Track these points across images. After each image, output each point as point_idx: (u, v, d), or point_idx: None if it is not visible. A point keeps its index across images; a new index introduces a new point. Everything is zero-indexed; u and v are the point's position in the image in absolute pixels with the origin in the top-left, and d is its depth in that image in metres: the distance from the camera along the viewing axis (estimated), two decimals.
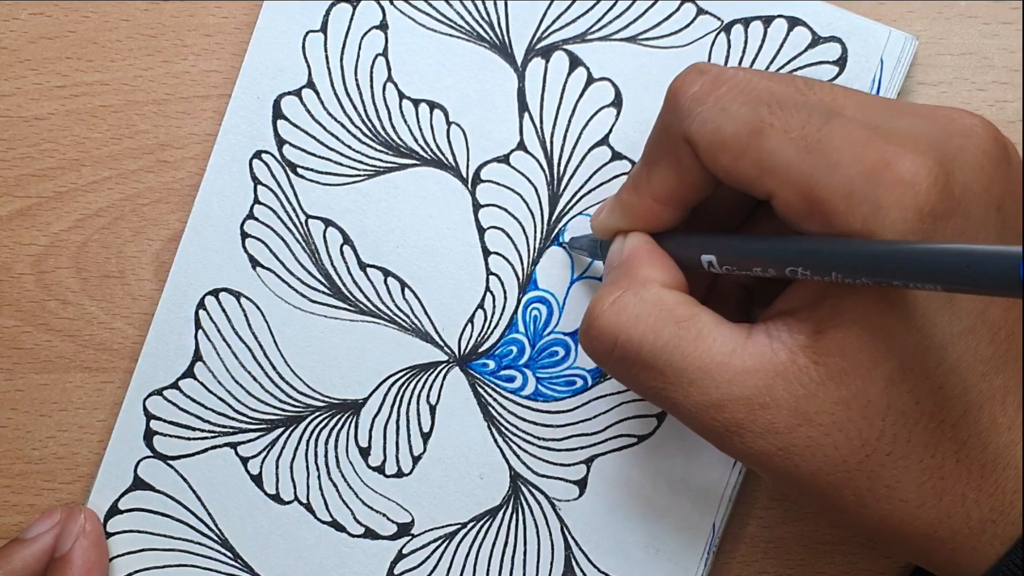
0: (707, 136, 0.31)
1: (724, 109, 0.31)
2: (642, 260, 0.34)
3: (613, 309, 0.33)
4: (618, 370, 0.34)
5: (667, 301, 0.33)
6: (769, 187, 0.30)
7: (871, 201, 0.29)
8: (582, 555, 0.42)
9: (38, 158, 0.44)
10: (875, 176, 0.29)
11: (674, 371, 0.32)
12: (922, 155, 0.29)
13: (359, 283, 0.42)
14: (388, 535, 0.42)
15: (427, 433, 0.42)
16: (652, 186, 0.34)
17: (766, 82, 0.32)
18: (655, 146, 0.34)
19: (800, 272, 0.30)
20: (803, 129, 0.30)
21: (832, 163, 0.29)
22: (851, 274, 0.28)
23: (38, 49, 0.44)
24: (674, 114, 0.33)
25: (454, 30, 0.42)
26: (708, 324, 0.32)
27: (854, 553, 0.42)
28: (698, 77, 0.33)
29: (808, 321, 0.31)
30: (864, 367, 0.30)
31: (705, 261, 0.33)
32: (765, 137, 0.30)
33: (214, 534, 0.42)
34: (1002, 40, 0.42)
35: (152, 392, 0.42)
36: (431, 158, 0.42)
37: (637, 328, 0.32)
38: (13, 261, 0.44)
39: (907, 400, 0.30)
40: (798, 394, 0.30)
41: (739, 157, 0.31)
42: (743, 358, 0.31)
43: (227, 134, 0.42)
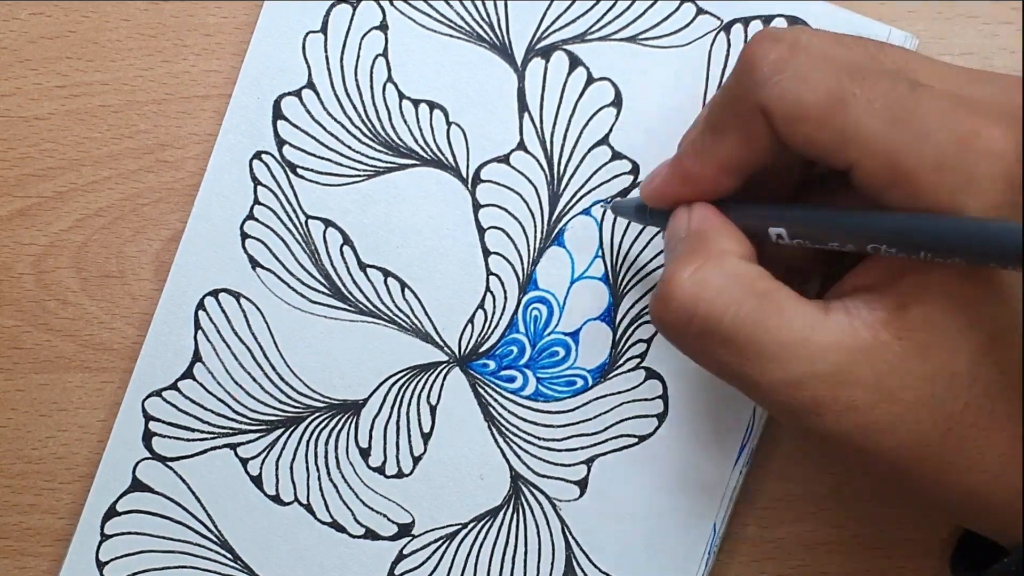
0: (787, 106, 0.30)
1: (805, 78, 0.30)
2: (714, 231, 0.33)
3: (693, 281, 0.32)
4: (694, 345, 0.32)
5: (748, 274, 0.32)
6: (852, 157, 0.30)
7: (963, 172, 0.28)
8: (583, 555, 0.42)
9: (38, 158, 0.44)
10: (965, 146, 0.28)
11: (755, 346, 0.31)
12: (1008, 126, 0.28)
13: (359, 283, 0.42)
14: (389, 536, 0.42)
15: (427, 433, 0.42)
16: (718, 153, 0.33)
17: (843, 49, 0.31)
18: (723, 114, 0.33)
19: (884, 249, 0.29)
20: (888, 98, 0.29)
21: (921, 133, 0.28)
22: (943, 254, 0.27)
23: (38, 49, 0.44)
24: (749, 82, 0.31)
25: (454, 30, 0.42)
26: (788, 299, 0.31)
27: (854, 553, 0.42)
28: (774, 45, 0.31)
29: (889, 297, 0.30)
30: (950, 341, 0.29)
31: (774, 233, 0.32)
32: (849, 107, 0.29)
33: (214, 535, 0.42)
34: (1002, 40, 0.42)
35: (151, 393, 0.42)
36: (431, 158, 0.42)
37: (719, 301, 0.31)
38: (13, 261, 0.44)
39: (992, 372, 0.30)
40: (880, 370, 0.30)
41: (821, 127, 0.30)
42: (823, 335, 0.30)
43: (227, 134, 0.42)
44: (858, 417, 0.30)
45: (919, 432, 0.30)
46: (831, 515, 0.42)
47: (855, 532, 0.42)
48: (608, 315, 0.42)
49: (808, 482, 0.42)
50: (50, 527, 0.44)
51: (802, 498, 0.42)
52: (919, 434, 0.30)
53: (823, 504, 0.42)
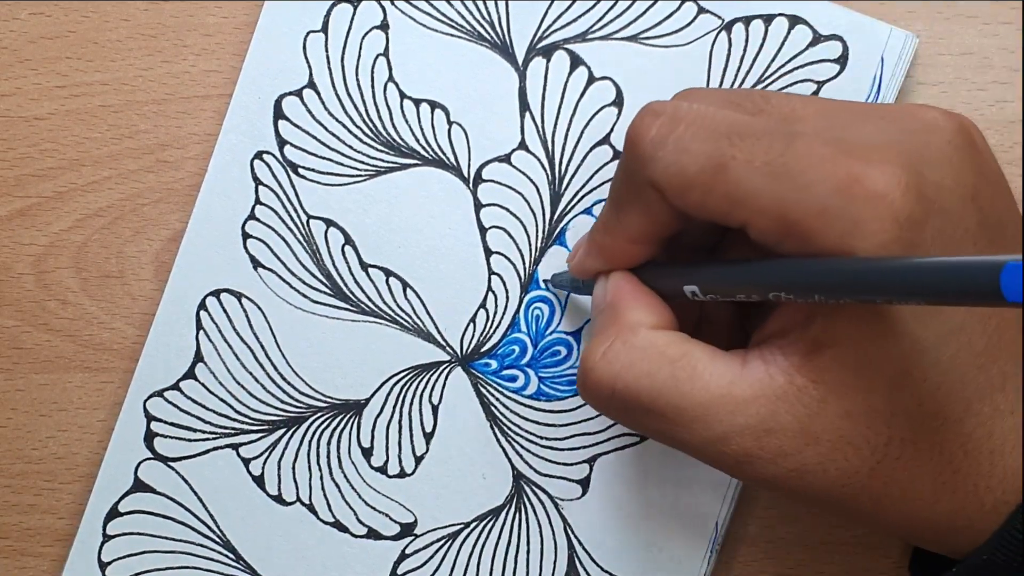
0: (672, 178, 0.31)
1: (685, 149, 0.31)
2: (627, 303, 0.34)
3: (605, 360, 0.33)
4: (620, 417, 0.34)
5: (658, 343, 0.33)
6: (742, 217, 0.30)
7: (847, 217, 0.28)
8: (585, 554, 0.42)
9: (38, 158, 0.43)
10: (847, 192, 0.29)
11: (675, 411, 0.32)
12: (890, 163, 0.29)
13: (361, 283, 0.42)
14: (391, 535, 0.42)
15: (429, 433, 0.42)
16: (624, 228, 0.34)
17: (722, 112, 0.32)
18: (621, 190, 0.34)
19: (784, 296, 0.30)
20: (766, 155, 0.30)
21: (800, 184, 0.29)
22: (833, 295, 0.28)
23: (38, 49, 0.44)
24: (636, 160, 0.33)
25: (455, 30, 0.42)
26: (702, 359, 0.32)
27: (854, 553, 0.42)
28: (654, 120, 0.32)
29: (801, 342, 0.31)
30: (863, 378, 0.30)
31: (688, 291, 0.33)
32: (729, 170, 0.30)
33: (216, 536, 0.42)
34: (1002, 40, 0.42)
35: (153, 393, 0.42)
36: (432, 158, 0.42)
37: (631, 374, 0.32)
38: (13, 261, 0.43)
39: (910, 403, 0.30)
40: (801, 415, 0.30)
41: (707, 193, 0.31)
42: (742, 388, 0.31)
43: (228, 134, 0.42)
44: (787, 462, 0.31)
45: (848, 470, 0.31)
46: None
47: (855, 532, 0.42)
48: None
49: None
50: (50, 527, 0.44)
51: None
52: (848, 472, 0.31)
53: None
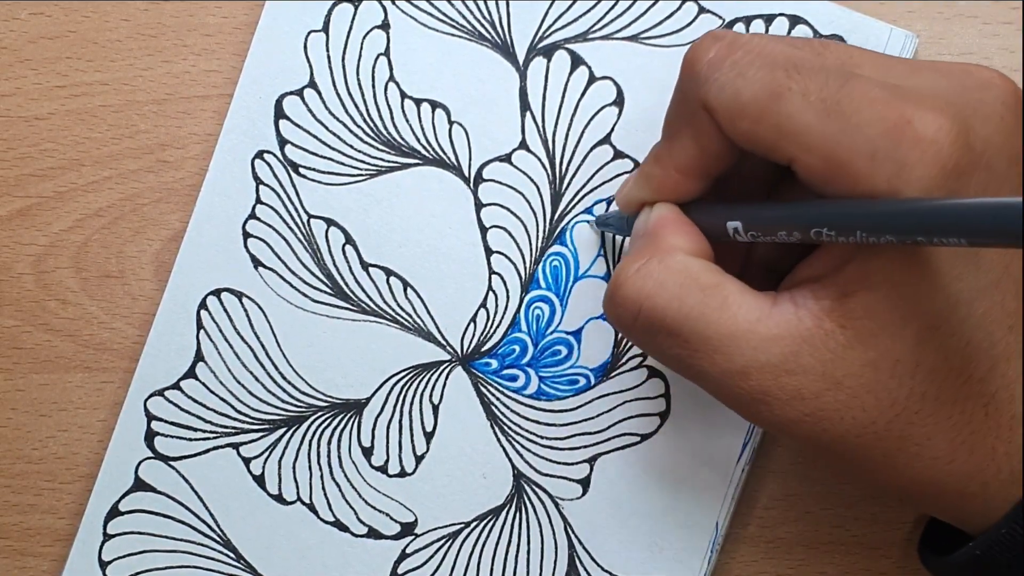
0: (725, 101, 0.31)
1: (741, 74, 0.31)
2: (667, 228, 0.34)
3: (638, 276, 0.33)
4: (642, 338, 0.33)
5: (692, 268, 0.32)
6: (790, 151, 0.30)
7: (895, 160, 0.28)
8: (585, 554, 0.42)
9: (38, 158, 0.43)
10: (897, 135, 0.28)
11: (699, 338, 0.31)
12: (942, 112, 0.29)
13: (361, 283, 0.42)
14: (391, 535, 0.42)
15: (430, 433, 0.42)
16: (674, 157, 0.34)
17: (782, 46, 0.32)
18: (673, 116, 0.34)
19: (825, 233, 0.29)
20: (821, 91, 0.30)
21: (853, 124, 0.29)
22: (876, 232, 0.28)
23: (38, 49, 0.44)
24: (691, 82, 0.32)
25: (456, 29, 0.42)
26: (733, 292, 0.32)
27: (854, 553, 0.42)
28: (713, 43, 0.32)
29: (833, 286, 0.30)
30: (892, 327, 0.30)
31: (731, 228, 0.33)
32: (784, 101, 0.30)
33: (216, 535, 0.42)
34: (1002, 40, 0.42)
35: (153, 393, 0.42)
36: (433, 157, 0.42)
37: (662, 295, 0.32)
38: (13, 261, 0.43)
39: (935, 357, 0.30)
40: (825, 359, 0.30)
41: (758, 122, 0.30)
42: (768, 325, 0.31)
43: (229, 134, 0.42)
44: (804, 406, 0.31)
45: (865, 419, 0.31)
46: (831, 515, 0.43)
47: (855, 532, 0.42)
48: None
49: (808, 482, 0.43)
50: (51, 527, 0.44)
51: (802, 498, 0.42)
52: (865, 421, 0.31)
53: (823, 504, 0.42)
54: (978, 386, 0.31)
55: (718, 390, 0.32)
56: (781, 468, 0.42)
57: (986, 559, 0.32)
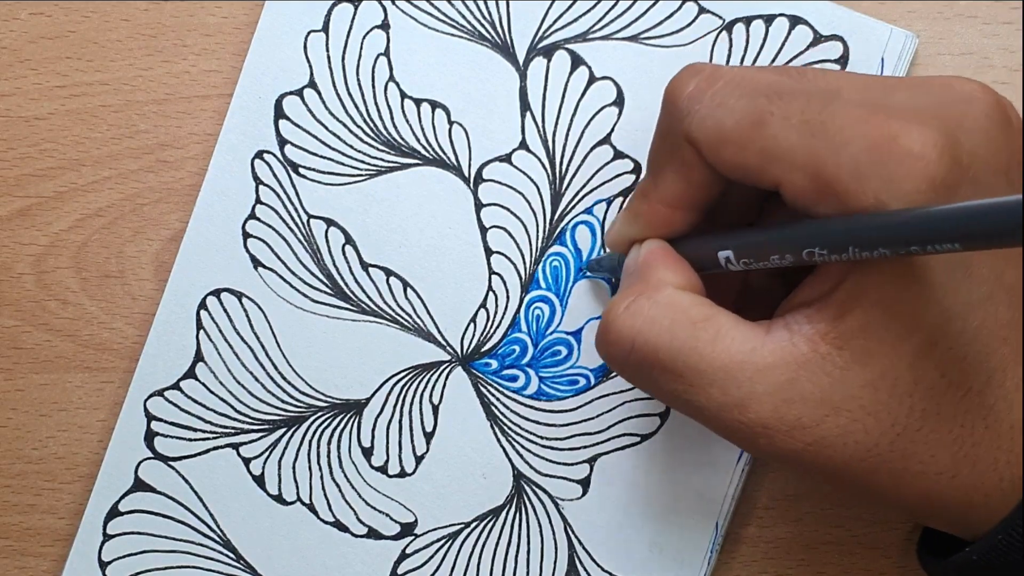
0: (708, 132, 0.31)
1: (722, 104, 0.31)
2: (655, 263, 0.34)
3: (628, 313, 0.33)
4: (637, 375, 0.33)
5: (681, 303, 0.32)
6: (776, 175, 0.30)
7: (882, 176, 0.28)
8: (585, 554, 0.42)
9: (38, 158, 0.43)
10: (883, 151, 0.29)
11: (693, 372, 0.31)
12: (927, 126, 0.29)
13: (361, 283, 0.42)
14: (391, 535, 0.42)
15: (430, 433, 0.42)
16: (660, 191, 0.34)
17: (762, 74, 0.32)
18: (658, 151, 0.34)
19: (817, 253, 0.29)
20: (803, 114, 0.30)
21: (837, 143, 0.29)
22: (869, 247, 0.28)
23: (38, 49, 0.44)
24: (673, 115, 0.33)
25: (456, 29, 0.42)
26: (725, 324, 0.32)
27: (854, 553, 0.42)
28: (693, 76, 0.33)
29: (827, 308, 0.30)
30: (889, 345, 0.30)
31: (723, 258, 0.33)
32: (767, 126, 0.30)
33: (216, 535, 0.42)
34: (1002, 40, 0.42)
35: (153, 393, 0.42)
36: (433, 157, 0.42)
37: (652, 331, 0.32)
38: (13, 261, 0.43)
39: (933, 373, 0.30)
40: (823, 383, 0.30)
41: (743, 149, 0.31)
42: (763, 354, 0.31)
43: (229, 134, 0.42)
44: (805, 435, 0.30)
45: (868, 442, 0.30)
46: (831, 515, 0.43)
47: (855, 532, 0.42)
48: None
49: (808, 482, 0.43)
50: (51, 527, 0.44)
51: (802, 498, 0.42)
52: (868, 444, 0.30)
53: (823, 504, 0.42)
54: (977, 399, 0.31)
55: (716, 425, 0.32)
56: (781, 468, 0.42)
57: (982, 563, 0.32)
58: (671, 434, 0.41)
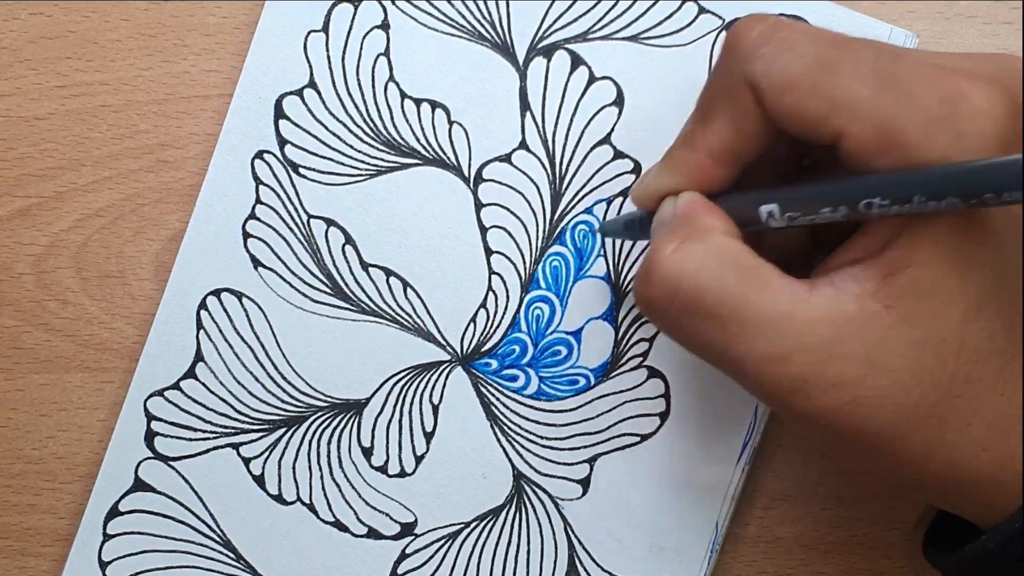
0: (774, 76, 0.30)
1: (791, 48, 0.30)
2: (700, 211, 0.33)
3: (676, 255, 0.31)
4: (678, 321, 0.32)
5: (732, 248, 0.31)
6: (839, 125, 0.30)
7: (951, 130, 0.28)
8: (585, 554, 0.42)
9: (38, 158, 0.43)
10: (952, 106, 0.28)
11: (739, 321, 0.30)
12: (993, 86, 0.29)
13: (361, 283, 0.42)
14: (391, 535, 0.42)
15: (430, 433, 0.42)
16: (708, 139, 0.33)
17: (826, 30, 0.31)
18: (712, 96, 0.33)
19: (877, 204, 0.29)
20: (874, 63, 0.29)
21: (908, 95, 0.29)
22: (938, 195, 0.28)
23: (38, 49, 0.44)
24: (735, 59, 0.31)
25: (456, 30, 0.42)
26: (773, 275, 0.31)
27: (854, 553, 0.42)
28: (758, 23, 0.31)
29: (876, 266, 0.30)
30: (939, 305, 0.29)
31: (764, 212, 0.32)
32: (836, 73, 0.30)
33: (216, 535, 0.42)
34: (1002, 40, 0.42)
35: (153, 393, 0.42)
36: (433, 157, 0.42)
37: (702, 275, 0.31)
38: (13, 261, 0.43)
39: (980, 336, 0.30)
40: (868, 342, 0.29)
41: (808, 95, 0.30)
42: (809, 309, 0.30)
43: (229, 134, 0.42)
44: (844, 393, 0.30)
45: (907, 405, 0.30)
46: (831, 515, 0.43)
47: (855, 532, 0.42)
48: (610, 314, 0.42)
49: (808, 482, 0.43)
50: (51, 527, 0.44)
51: (802, 498, 0.42)
52: (907, 407, 0.30)
53: (823, 504, 0.42)
54: (1019, 367, 0.30)
55: (754, 378, 0.31)
56: (781, 468, 0.42)
57: (1000, 553, 0.31)
58: (671, 434, 0.41)
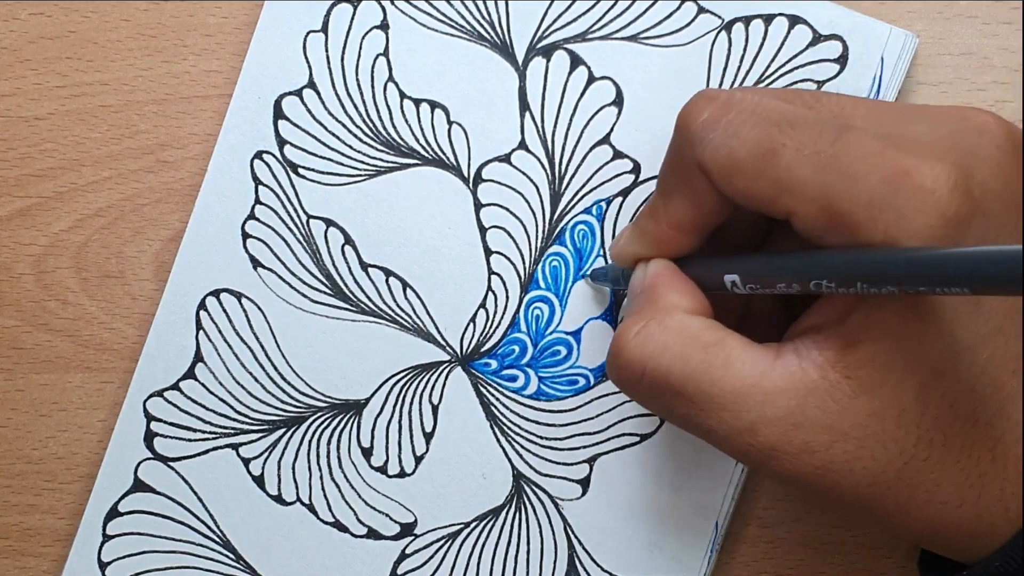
0: (721, 161, 0.31)
1: (735, 133, 0.31)
2: (664, 287, 0.34)
3: (639, 339, 0.33)
4: (648, 399, 0.34)
5: (692, 327, 0.32)
6: (788, 205, 0.30)
7: (893, 209, 0.28)
8: (585, 554, 0.42)
9: (38, 158, 0.43)
10: (895, 184, 0.29)
11: (705, 397, 0.31)
12: (939, 160, 0.29)
13: (360, 283, 0.42)
14: (391, 535, 0.42)
15: (429, 433, 0.42)
16: (669, 214, 0.34)
17: (774, 102, 0.32)
18: (669, 175, 0.34)
19: (825, 285, 0.29)
20: (816, 145, 0.30)
21: (850, 175, 0.29)
22: (877, 283, 0.28)
23: (38, 49, 0.44)
24: (685, 142, 0.33)
25: (455, 30, 0.42)
26: (735, 348, 0.32)
27: (854, 553, 0.42)
28: (707, 104, 0.32)
29: (836, 337, 0.30)
30: (897, 377, 0.30)
31: (728, 281, 0.33)
32: (779, 157, 0.30)
33: (216, 536, 0.42)
34: (1002, 40, 0.42)
35: (153, 393, 0.42)
36: (432, 158, 0.42)
37: (664, 356, 0.32)
38: (13, 261, 0.43)
39: (941, 404, 0.30)
40: (831, 410, 0.30)
41: (755, 179, 0.31)
42: (773, 379, 0.31)
43: (228, 134, 0.42)
44: (814, 459, 0.31)
45: (875, 469, 0.30)
46: (831, 515, 0.43)
47: (855, 532, 0.42)
48: (610, 314, 0.42)
49: None
50: (50, 527, 0.44)
51: (802, 497, 0.42)
52: (875, 471, 0.31)
53: None
54: (984, 430, 0.31)
55: (728, 447, 0.32)
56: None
57: None
58: (671, 434, 0.41)
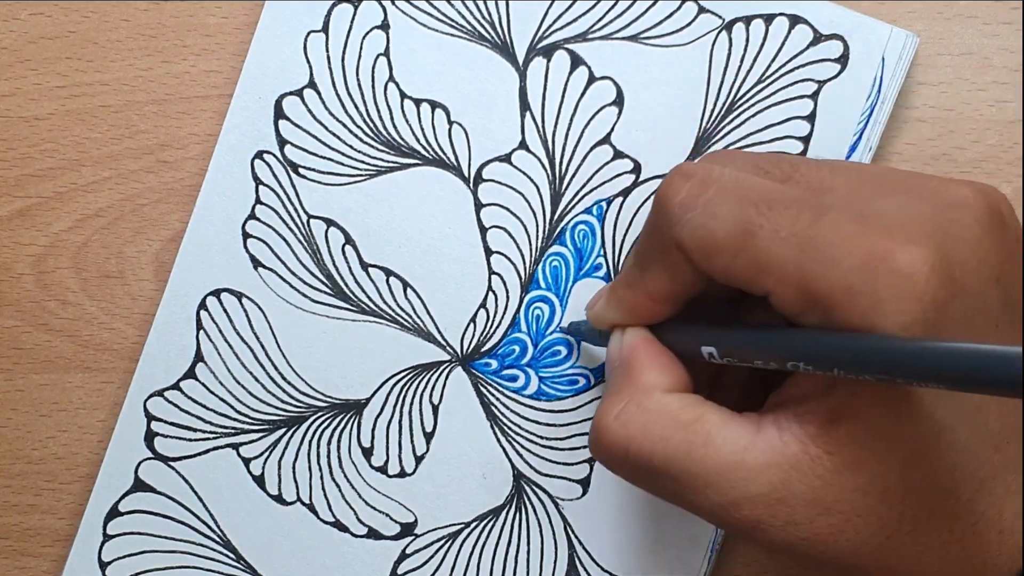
0: (699, 241, 0.31)
1: (713, 214, 0.31)
2: (642, 363, 0.34)
3: (619, 422, 0.33)
4: (634, 478, 0.34)
5: (671, 407, 0.33)
6: (766, 285, 0.30)
7: (871, 295, 0.28)
8: (585, 554, 0.42)
9: (38, 158, 0.43)
10: (872, 269, 0.28)
11: (688, 476, 0.31)
12: (917, 243, 0.29)
13: (361, 283, 0.42)
14: (391, 535, 0.42)
15: (430, 433, 0.42)
16: (647, 284, 0.34)
17: (752, 179, 0.32)
18: (647, 249, 0.34)
19: (803, 367, 0.29)
20: (794, 227, 0.30)
21: (827, 258, 0.29)
22: (852, 371, 0.28)
23: (38, 49, 0.44)
24: (664, 221, 0.33)
25: (456, 30, 0.42)
26: (716, 423, 0.32)
27: None
28: (684, 182, 0.32)
29: (818, 412, 0.30)
30: (878, 455, 0.30)
31: (706, 352, 0.33)
32: (757, 238, 0.30)
33: (216, 535, 0.42)
34: (1002, 40, 0.42)
35: (153, 393, 0.42)
36: (433, 158, 0.42)
37: (646, 439, 0.32)
38: (13, 261, 0.43)
39: (923, 482, 0.30)
40: (814, 485, 0.30)
41: (734, 258, 0.31)
42: (755, 455, 0.31)
43: (229, 134, 0.42)
44: (798, 531, 0.31)
45: (858, 541, 0.31)
46: None
47: None
48: None
49: None
50: (50, 527, 0.44)
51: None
52: (858, 543, 0.31)
53: None
54: (967, 506, 0.31)
55: (714, 521, 0.32)
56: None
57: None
58: None
